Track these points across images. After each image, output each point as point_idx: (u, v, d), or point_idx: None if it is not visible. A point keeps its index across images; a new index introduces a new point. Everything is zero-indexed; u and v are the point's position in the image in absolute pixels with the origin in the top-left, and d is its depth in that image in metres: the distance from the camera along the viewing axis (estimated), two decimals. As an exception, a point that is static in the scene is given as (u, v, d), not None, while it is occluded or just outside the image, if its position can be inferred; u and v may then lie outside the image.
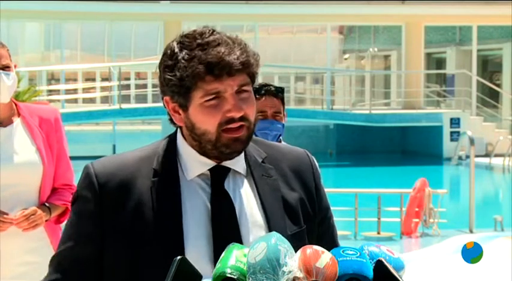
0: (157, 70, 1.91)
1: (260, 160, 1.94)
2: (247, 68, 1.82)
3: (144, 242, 1.79)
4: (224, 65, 1.79)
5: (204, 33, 1.83)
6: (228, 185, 1.88)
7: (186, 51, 1.81)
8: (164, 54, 1.87)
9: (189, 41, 1.83)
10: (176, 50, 1.83)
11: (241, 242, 1.71)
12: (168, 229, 1.80)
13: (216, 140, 1.83)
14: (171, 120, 1.91)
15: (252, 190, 1.90)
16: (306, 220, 1.94)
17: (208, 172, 1.87)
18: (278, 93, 3.71)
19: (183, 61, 1.80)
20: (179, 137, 1.91)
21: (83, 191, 1.87)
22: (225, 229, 1.82)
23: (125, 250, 1.80)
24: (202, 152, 1.86)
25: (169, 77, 1.83)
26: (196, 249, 1.79)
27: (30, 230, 3.38)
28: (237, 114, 1.82)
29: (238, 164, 1.90)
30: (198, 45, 1.81)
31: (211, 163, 1.87)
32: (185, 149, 1.89)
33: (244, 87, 1.83)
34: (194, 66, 1.79)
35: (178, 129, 1.92)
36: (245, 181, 1.91)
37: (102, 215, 1.83)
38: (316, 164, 2.11)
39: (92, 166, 1.88)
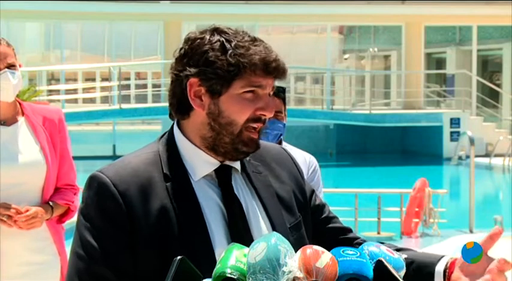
0: (178, 53, 1.86)
1: (248, 158, 1.95)
2: (285, 76, 1.87)
3: (173, 246, 1.76)
4: (277, 66, 1.83)
5: (243, 31, 1.86)
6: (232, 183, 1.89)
7: (236, 41, 1.82)
8: (198, 38, 1.83)
9: (233, 34, 1.83)
10: (220, 38, 1.82)
11: (252, 241, 1.71)
12: (195, 231, 1.79)
13: (237, 135, 1.83)
14: (178, 109, 1.87)
15: (248, 187, 1.92)
16: (300, 208, 1.97)
17: (213, 172, 1.87)
18: (279, 93, 3.72)
19: (238, 49, 1.80)
20: (179, 136, 1.89)
21: (103, 201, 1.79)
22: (239, 230, 1.83)
23: (156, 255, 1.76)
24: (212, 146, 1.85)
25: (216, 59, 1.80)
26: (223, 250, 1.78)
27: (25, 230, 3.39)
28: (269, 114, 1.85)
29: (236, 162, 1.91)
30: (247, 39, 1.83)
31: (216, 163, 1.87)
32: (188, 148, 1.87)
33: (271, 93, 1.88)
34: (252, 56, 1.80)
35: (177, 127, 1.90)
36: (241, 178, 1.92)
37: (131, 223, 1.77)
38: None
39: (104, 174, 1.81)
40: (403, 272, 1.69)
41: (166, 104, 1.92)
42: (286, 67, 1.86)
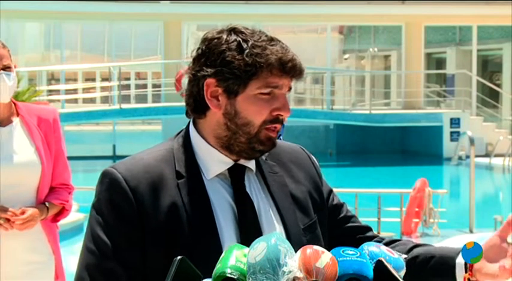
0: (195, 53, 1.85)
1: (264, 157, 1.95)
2: (302, 76, 1.86)
3: (182, 244, 1.77)
4: (294, 65, 1.82)
5: (260, 30, 1.85)
6: (245, 183, 1.89)
7: (252, 41, 1.81)
8: (215, 38, 1.83)
9: (251, 33, 1.83)
10: (237, 38, 1.81)
11: None
12: (205, 230, 1.79)
13: (255, 134, 1.83)
14: (194, 109, 1.87)
15: (262, 187, 1.91)
16: (316, 209, 1.97)
17: (226, 171, 1.87)
18: None
19: (254, 48, 1.80)
20: (194, 134, 1.89)
21: (113, 196, 1.80)
22: (250, 229, 1.83)
23: (165, 252, 1.77)
24: (227, 145, 1.85)
25: (233, 59, 1.79)
26: None
27: (21, 230, 3.39)
28: (286, 114, 1.85)
29: (251, 161, 1.91)
30: (264, 39, 1.82)
31: (229, 162, 1.87)
32: (203, 147, 1.87)
33: (288, 92, 1.87)
34: (269, 56, 1.79)
35: (192, 126, 1.90)
36: (256, 177, 1.92)
37: (141, 219, 1.78)
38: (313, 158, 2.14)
39: (116, 170, 1.82)
40: (403, 272, 1.69)
41: (167, 104, 1.92)
42: (303, 67, 1.85)
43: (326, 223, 1.99)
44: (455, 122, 22.07)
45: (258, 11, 24.05)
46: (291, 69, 1.82)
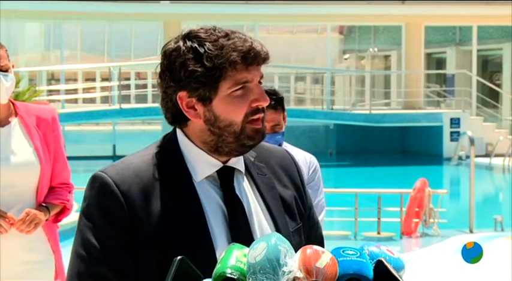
0: (159, 69, 1.87)
1: (252, 159, 1.94)
2: (269, 59, 1.84)
3: (175, 247, 1.76)
4: (255, 54, 1.80)
5: (215, 28, 1.83)
6: (234, 185, 1.88)
7: (209, 43, 1.79)
8: (173, 51, 1.82)
9: (205, 34, 1.81)
10: (193, 44, 1.80)
11: (253, 242, 1.70)
12: (197, 232, 1.79)
13: (240, 132, 1.81)
14: (174, 121, 1.87)
15: (252, 188, 1.91)
16: (299, 216, 1.96)
17: (215, 173, 1.86)
18: (277, 105, 3.69)
19: (211, 51, 1.78)
20: (181, 137, 1.88)
21: (104, 201, 1.78)
22: (240, 231, 1.83)
23: (157, 256, 1.76)
24: (215, 148, 1.84)
25: (194, 68, 1.78)
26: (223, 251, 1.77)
27: (32, 231, 3.40)
28: (264, 103, 1.83)
29: (239, 163, 1.90)
30: (219, 36, 1.80)
31: (218, 164, 1.86)
32: (191, 150, 1.86)
33: (261, 80, 1.85)
34: (228, 54, 1.77)
35: (179, 130, 1.89)
36: (245, 179, 1.91)
37: (133, 223, 1.77)
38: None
39: (106, 174, 1.80)
40: (403, 272, 1.69)
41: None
42: (265, 50, 1.82)
43: (306, 233, 1.97)
44: (455, 122, 22.07)
45: (257, 11, 24.05)
46: (254, 58, 1.80)
